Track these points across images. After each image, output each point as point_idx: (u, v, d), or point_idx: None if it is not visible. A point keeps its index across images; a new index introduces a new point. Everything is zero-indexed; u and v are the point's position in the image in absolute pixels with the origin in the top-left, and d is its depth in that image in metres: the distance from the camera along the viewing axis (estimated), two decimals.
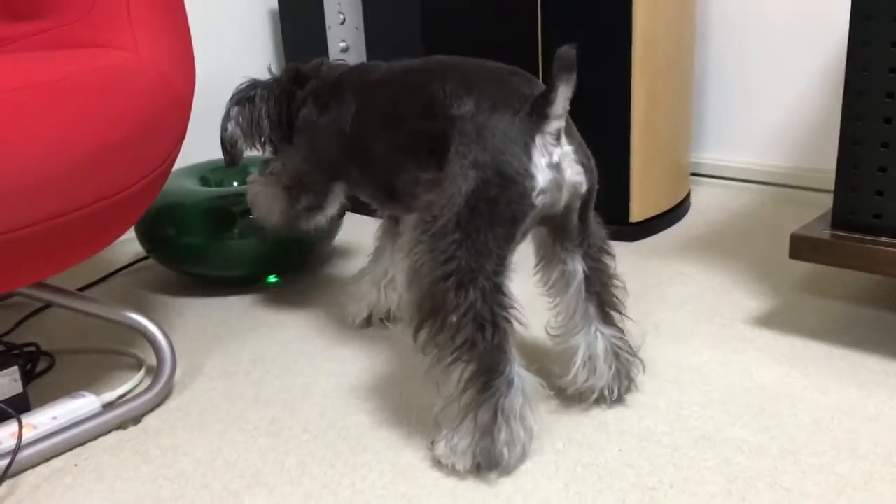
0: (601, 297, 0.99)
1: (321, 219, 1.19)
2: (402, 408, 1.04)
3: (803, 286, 1.31)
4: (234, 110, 1.18)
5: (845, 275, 1.33)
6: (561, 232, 0.95)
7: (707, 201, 1.76)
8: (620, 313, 1.01)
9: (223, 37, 1.83)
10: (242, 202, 1.37)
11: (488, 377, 0.86)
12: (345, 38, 1.69)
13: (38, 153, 0.83)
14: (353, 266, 1.51)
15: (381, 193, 1.06)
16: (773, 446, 0.92)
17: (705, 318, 1.23)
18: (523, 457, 0.91)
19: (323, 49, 1.72)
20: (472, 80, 0.90)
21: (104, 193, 0.90)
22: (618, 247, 1.04)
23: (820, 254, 1.08)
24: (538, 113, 0.85)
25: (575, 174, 0.90)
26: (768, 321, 1.21)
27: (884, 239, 1.04)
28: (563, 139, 0.88)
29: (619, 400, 1.02)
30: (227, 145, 1.20)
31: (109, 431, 1.03)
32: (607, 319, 1.00)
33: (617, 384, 1.01)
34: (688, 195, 1.72)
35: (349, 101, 1.08)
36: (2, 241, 0.82)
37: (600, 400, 1.01)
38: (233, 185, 1.54)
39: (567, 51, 0.81)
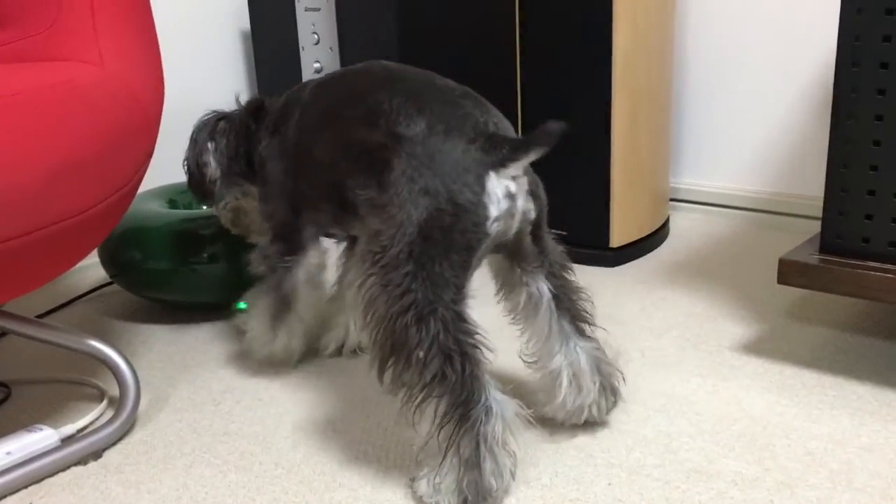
0: (572, 312, 0.96)
1: (302, 274, 1.09)
2: (380, 441, 0.99)
3: (789, 312, 1.29)
4: (211, 145, 1.14)
5: (831, 301, 1.31)
6: (517, 255, 0.93)
7: (685, 227, 1.74)
8: (592, 325, 0.98)
9: (194, 57, 1.78)
10: (211, 226, 1.32)
11: (465, 408, 0.82)
12: (319, 59, 1.65)
13: None
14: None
15: (334, 207, 0.99)
16: (768, 479, 0.88)
17: (691, 344, 1.20)
18: (510, 485, 0.87)
19: (296, 70, 1.69)
20: (422, 97, 0.87)
21: (65, 214, 0.84)
22: (598, 272, 1.02)
23: (808, 278, 1.05)
24: (499, 157, 0.83)
25: (526, 203, 0.88)
26: (755, 348, 1.18)
27: (872, 263, 1.02)
28: (519, 175, 0.86)
29: (605, 421, 0.99)
30: (208, 181, 1.16)
31: (68, 467, 0.97)
32: (583, 333, 0.97)
33: (604, 399, 0.98)
34: (667, 221, 1.70)
35: (293, 111, 1.04)
36: None
37: (590, 420, 0.97)
38: (202, 208, 1.48)
39: (555, 126, 0.79)
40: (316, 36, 1.64)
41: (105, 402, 1.10)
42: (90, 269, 1.60)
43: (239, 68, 1.87)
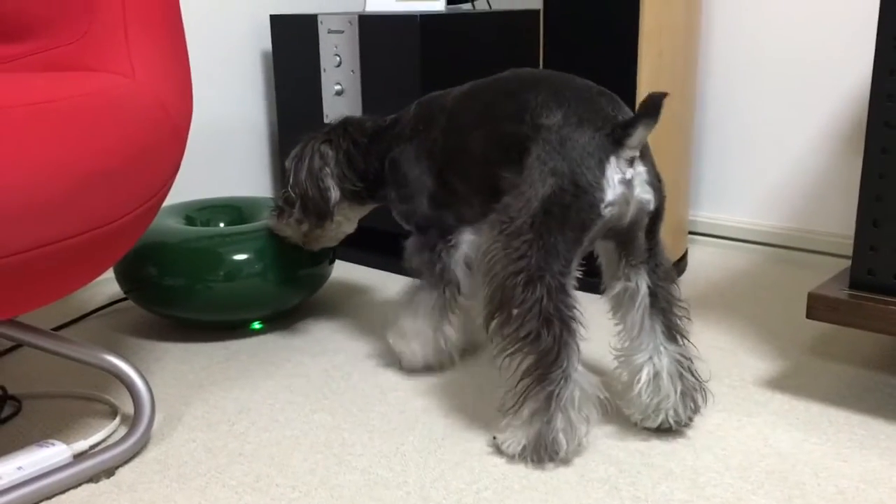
0: (666, 315, 1.00)
1: (462, 255, 1.16)
2: (399, 466, 0.97)
3: (812, 349, 1.27)
4: (328, 169, 1.21)
5: (854, 338, 1.29)
6: (627, 247, 0.99)
7: (703, 260, 1.73)
8: (685, 338, 1.02)
9: (213, 76, 1.78)
10: (229, 243, 1.31)
11: (545, 370, 0.91)
12: (340, 81, 1.65)
13: (25, 176, 0.76)
14: (340, 314, 1.45)
15: (486, 198, 1.05)
16: None
17: (714, 378, 1.18)
18: (580, 447, 0.96)
19: (317, 91, 1.69)
20: (563, 93, 0.96)
21: (93, 224, 0.83)
22: (607, 303, 1.03)
23: (838, 314, 1.04)
24: (616, 139, 0.92)
25: (644, 192, 0.95)
26: (780, 384, 1.16)
27: None
28: (637, 161, 0.94)
29: (687, 425, 1.03)
30: (331, 205, 1.22)
31: (80, 484, 0.95)
32: (673, 339, 1.01)
33: (682, 407, 1.00)
34: (685, 254, 1.69)
35: (437, 117, 1.13)
36: None
37: (664, 426, 1.01)
38: (219, 226, 1.48)
39: (656, 96, 0.88)
40: (338, 58, 1.64)
41: (118, 419, 1.08)
42: (104, 285, 1.59)
43: (258, 88, 1.87)
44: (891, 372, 1.18)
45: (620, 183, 0.92)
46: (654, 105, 0.88)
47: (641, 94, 1.43)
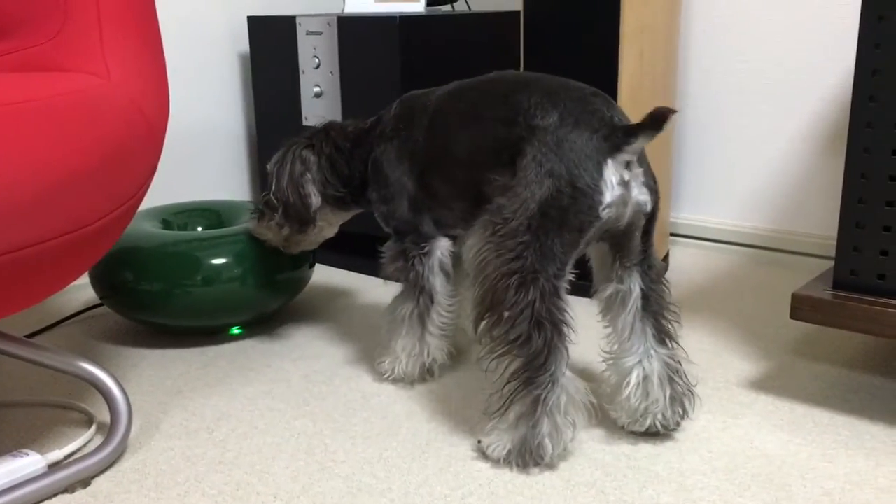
0: (658, 320, 1.00)
1: (437, 261, 1.14)
2: (383, 473, 0.96)
3: (795, 349, 1.27)
4: (308, 175, 1.19)
5: (837, 339, 1.29)
6: (622, 249, 0.98)
7: (685, 262, 1.72)
8: (675, 341, 1.02)
9: (192, 77, 1.76)
10: (207, 247, 1.29)
11: (533, 373, 0.90)
12: (319, 83, 1.63)
13: (3, 176, 0.74)
14: (320, 319, 1.43)
15: (468, 204, 1.04)
16: None
17: (698, 380, 1.17)
18: (565, 452, 0.96)
19: (295, 93, 1.67)
20: (558, 94, 0.95)
21: (68, 227, 0.81)
22: (595, 305, 1.02)
23: (822, 314, 1.04)
24: (615, 143, 0.91)
25: (641, 194, 0.94)
26: (764, 385, 1.15)
27: (889, 300, 1.01)
28: (633, 163, 0.93)
29: (675, 429, 1.02)
30: (312, 211, 1.20)
31: (55, 495, 0.92)
32: (663, 342, 1.00)
33: (671, 412, 1.00)
34: (666, 255, 1.69)
35: (419, 117, 1.10)
36: None
37: (652, 430, 1.00)
38: (197, 230, 1.45)
39: (664, 111, 0.88)
40: (317, 60, 1.62)
41: (94, 428, 1.06)
42: (79, 290, 1.56)
43: (236, 90, 1.85)
44: (874, 372, 1.18)
45: (619, 184, 0.91)
46: (659, 119, 0.88)
47: (623, 94, 1.43)
